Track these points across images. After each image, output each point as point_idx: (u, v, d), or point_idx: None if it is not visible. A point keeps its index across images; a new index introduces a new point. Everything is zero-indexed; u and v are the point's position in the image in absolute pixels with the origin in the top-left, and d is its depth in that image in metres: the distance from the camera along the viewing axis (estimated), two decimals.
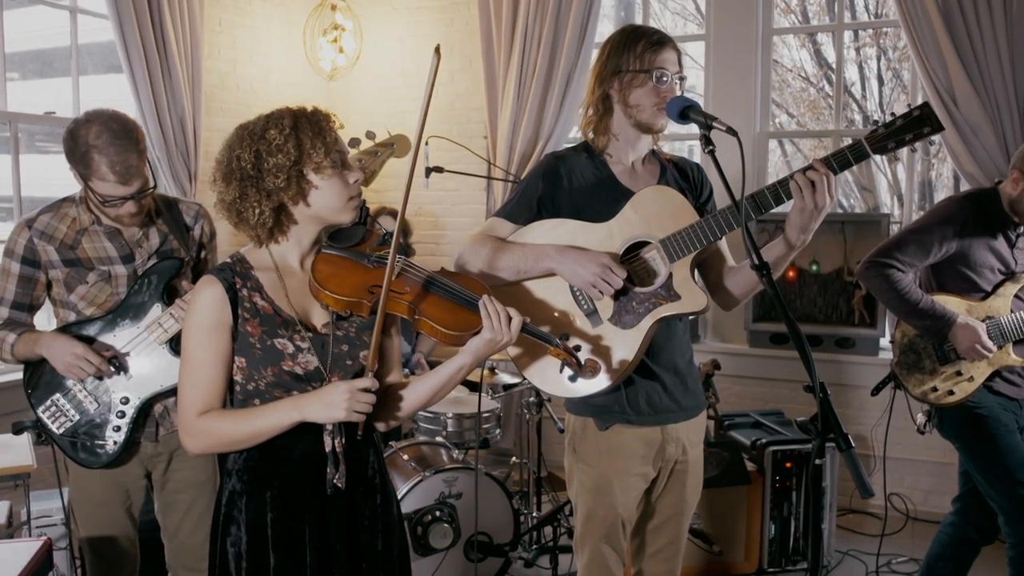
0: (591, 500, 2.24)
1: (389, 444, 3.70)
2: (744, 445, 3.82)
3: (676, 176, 2.27)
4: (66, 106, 4.50)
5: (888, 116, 2.01)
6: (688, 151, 6.76)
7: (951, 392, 2.88)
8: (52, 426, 2.39)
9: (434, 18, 5.52)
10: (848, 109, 8.12)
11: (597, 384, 2.08)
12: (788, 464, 3.71)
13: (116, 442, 2.38)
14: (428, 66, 1.68)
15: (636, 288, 2.12)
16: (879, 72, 8.44)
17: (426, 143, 2.73)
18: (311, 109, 1.76)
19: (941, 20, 4.01)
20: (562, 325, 2.16)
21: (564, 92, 4.89)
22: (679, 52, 2.19)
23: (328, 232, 1.85)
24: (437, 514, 3.31)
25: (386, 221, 4.43)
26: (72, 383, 2.38)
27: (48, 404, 2.39)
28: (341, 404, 1.66)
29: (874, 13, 7.82)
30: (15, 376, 3.97)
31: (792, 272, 4.58)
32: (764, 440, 3.75)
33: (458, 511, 3.36)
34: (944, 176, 7.75)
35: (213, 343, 1.72)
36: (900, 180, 7.92)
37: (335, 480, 1.75)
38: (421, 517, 3.29)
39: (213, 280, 1.74)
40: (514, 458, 4.30)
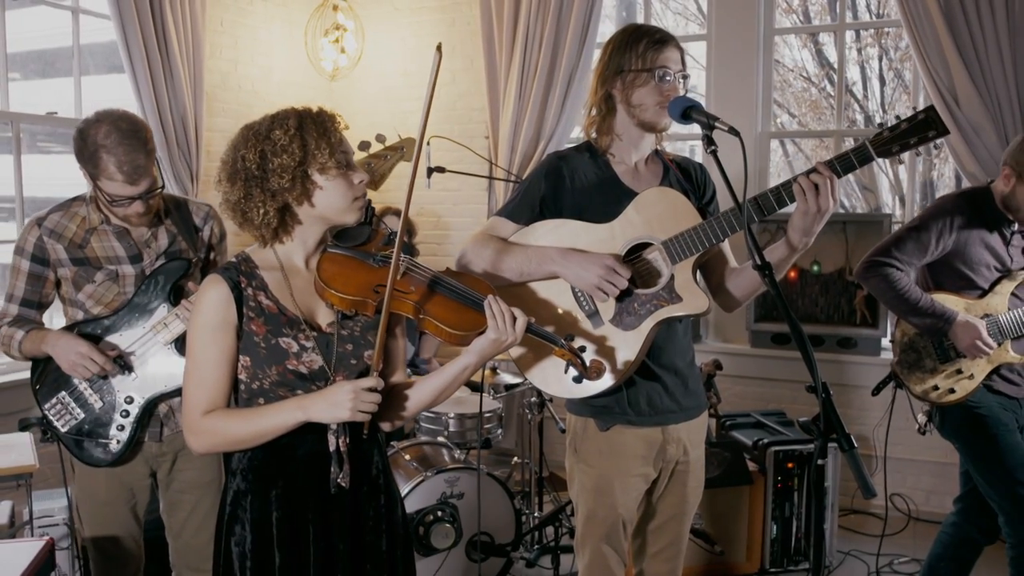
0: (592, 500, 2.24)
1: (391, 444, 3.70)
2: (746, 445, 3.82)
3: (679, 177, 2.27)
4: (68, 106, 4.50)
5: (892, 118, 2.00)
6: (689, 151, 6.75)
7: (952, 390, 2.88)
8: (57, 423, 2.40)
9: (435, 18, 5.52)
10: (849, 109, 8.11)
11: (598, 385, 2.07)
12: (790, 464, 3.72)
13: (119, 441, 2.39)
14: (430, 66, 1.68)
15: (638, 290, 2.12)
16: (881, 72, 8.44)
17: (427, 143, 2.73)
18: (316, 110, 1.76)
19: (943, 20, 4.01)
20: (563, 326, 2.15)
21: (566, 92, 4.89)
22: (682, 50, 2.18)
23: (334, 232, 1.85)
24: (439, 514, 3.31)
25: (391, 221, 4.44)
26: (78, 381, 2.39)
27: (54, 402, 2.40)
28: (345, 404, 1.66)
29: (876, 13, 7.82)
30: (19, 375, 3.98)
31: (793, 272, 4.58)
32: (766, 440, 3.75)
33: (460, 511, 3.36)
34: (946, 176, 7.74)
35: (218, 342, 1.72)
36: (902, 180, 7.91)
37: (339, 480, 1.75)
38: (423, 517, 3.29)
39: (218, 279, 1.74)
40: (516, 458, 4.30)
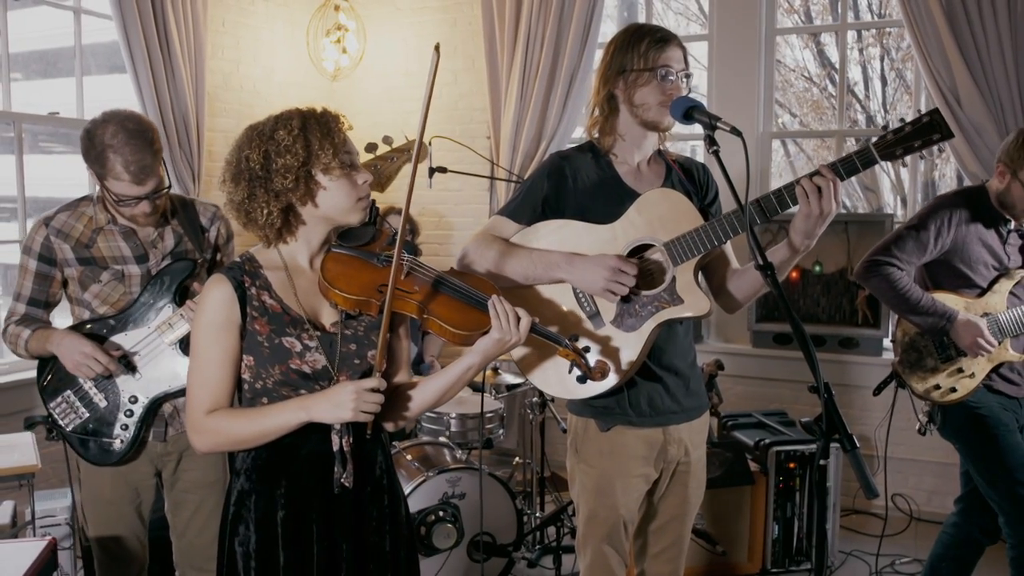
0: (593, 501, 2.24)
1: (392, 444, 3.70)
2: (747, 445, 3.81)
3: (682, 177, 2.26)
4: (70, 106, 4.50)
5: (893, 118, 2.00)
6: (691, 151, 6.75)
7: (953, 389, 2.88)
8: (62, 422, 2.41)
9: (437, 18, 5.52)
10: (851, 109, 8.11)
11: (600, 386, 2.07)
12: (791, 464, 3.72)
13: (123, 441, 2.40)
14: (430, 67, 1.67)
15: (639, 291, 2.12)
16: (882, 72, 8.43)
17: (429, 143, 2.73)
18: (320, 110, 1.76)
19: (945, 20, 4.01)
20: (564, 326, 2.15)
21: (567, 92, 4.89)
22: (684, 49, 2.17)
23: (338, 232, 1.85)
24: (441, 514, 3.31)
25: (395, 220, 4.44)
26: (83, 380, 2.40)
27: (59, 400, 2.41)
28: (348, 404, 1.66)
29: (877, 13, 7.81)
30: (22, 375, 4.00)
31: (795, 272, 4.57)
32: (767, 440, 3.75)
33: (461, 511, 3.36)
34: (948, 176, 7.73)
35: (222, 341, 1.73)
36: (904, 180, 7.91)
37: (343, 479, 1.75)
38: (425, 517, 3.29)
39: (222, 279, 1.75)
40: (517, 458, 4.30)
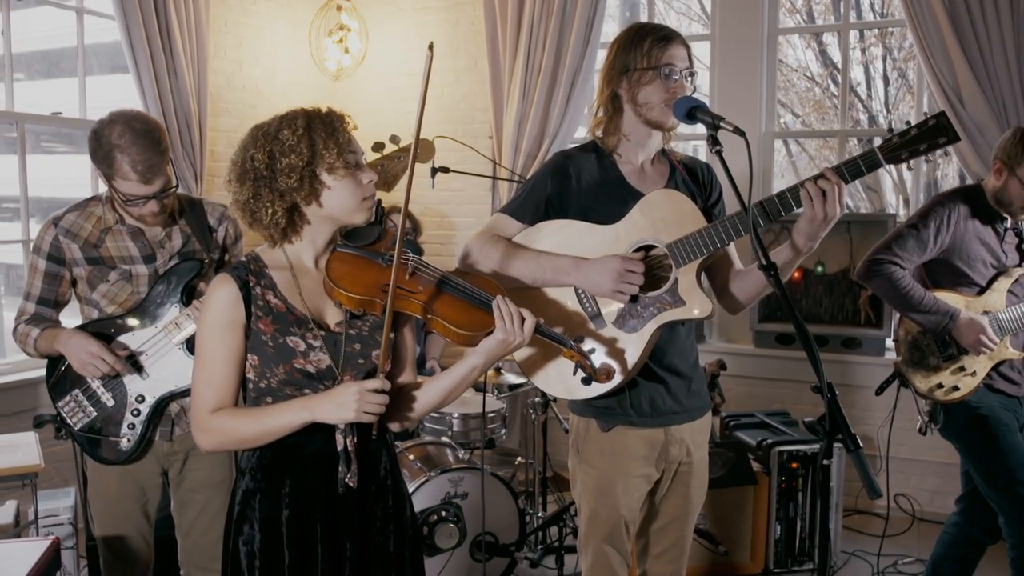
0: (594, 501, 2.24)
1: (395, 444, 3.70)
2: (750, 445, 3.81)
3: (685, 178, 2.26)
4: (72, 107, 4.50)
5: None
6: (693, 151, 6.76)
7: (956, 387, 2.88)
8: (70, 421, 2.43)
9: (439, 18, 5.52)
10: (853, 109, 8.10)
11: (601, 387, 2.07)
12: (794, 464, 3.71)
13: (130, 440, 2.41)
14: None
15: (641, 292, 2.11)
16: (884, 72, 8.42)
17: (432, 140, 2.72)
18: (325, 110, 1.76)
19: (947, 19, 4.01)
20: (565, 327, 2.15)
21: (569, 92, 4.87)
22: (688, 47, 2.16)
23: (343, 231, 1.85)
24: (443, 514, 3.31)
25: (397, 219, 4.43)
26: (92, 380, 2.41)
27: (68, 399, 2.43)
28: (351, 405, 1.66)
29: (880, 13, 7.81)
30: (26, 374, 4.02)
31: (797, 273, 4.57)
32: (770, 440, 3.74)
33: (464, 511, 3.36)
34: (950, 176, 7.73)
35: (227, 340, 1.73)
36: (906, 180, 7.90)
37: (347, 479, 1.75)
38: (427, 517, 3.29)
39: (227, 278, 1.75)
40: (519, 458, 4.30)
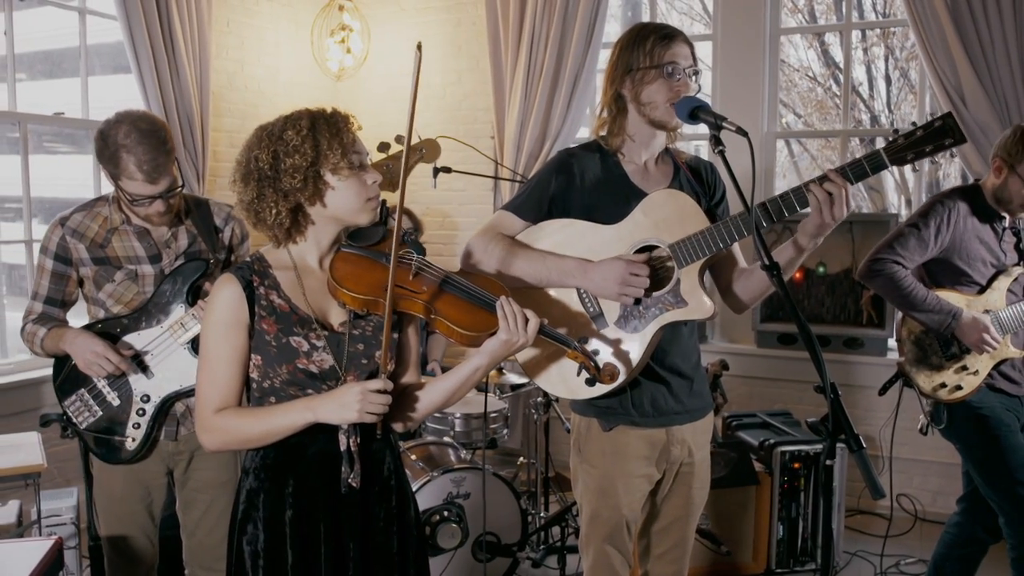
0: (595, 501, 2.23)
1: (399, 444, 3.70)
2: (752, 445, 3.81)
3: (689, 177, 2.25)
4: (75, 107, 4.51)
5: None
6: (695, 151, 6.76)
7: (959, 387, 2.88)
8: (76, 420, 2.44)
9: (441, 18, 5.52)
10: (855, 109, 8.09)
11: (603, 387, 2.06)
12: (796, 465, 3.71)
13: (135, 439, 2.42)
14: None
15: (644, 294, 2.11)
16: (887, 72, 8.42)
17: (434, 139, 2.72)
18: (330, 111, 1.77)
19: (950, 19, 4.01)
20: (567, 326, 2.14)
21: (571, 92, 4.87)
22: (691, 45, 2.15)
23: (348, 232, 1.85)
24: (445, 514, 3.31)
25: (401, 219, 4.42)
26: (98, 379, 2.42)
27: (74, 398, 2.44)
28: (353, 405, 1.67)
29: (882, 13, 7.81)
30: (30, 374, 4.03)
31: (799, 273, 4.57)
32: (772, 440, 3.74)
33: (466, 511, 3.36)
34: (952, 176, 7.72)
35: (231, 340, 1.73)
36: (908, 180, 7.89)
37: (350, 479, 1.75)
38: (429, 517, 3.29)
39: (231, 278, 1.76)
40: (521, 458, 4.30)
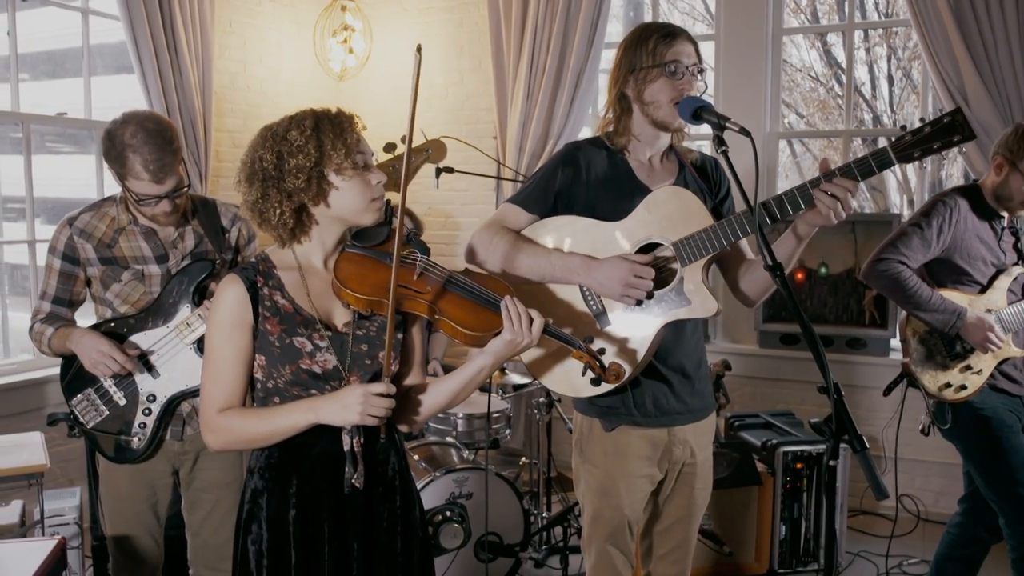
0: (597, 501, 2.23)
1: (404, 445, 3.70)
2: (754, 446, 3.81)
3: (694, 175, 2.25)
4: (77, 107, 4.51)
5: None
6: (697, 150, 6.76)
7: (964, 387, 2.88)
8: (83, 419, 2.44)
9: (443, 18, 5.51)
10: (858, 109, 8.09)
11: (608, 385, 2.06)
12: (799, 465, 3.71)
13: (141, 439, 2.43)
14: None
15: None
16: (889, 72, 8.41)
17: (436, 139, 2.73)
18: (335, 111, 1.77)
19: (952, 19, 4.00)
20: (569, 324, 2.14)
21: (574, 92, 4.87)
22: (695, 44, 2.14)
23: (352, 232, 1.85)
24: (447, 514, 3.31)
25: (405, 220, 4.42)
26: (104, 379, 2.42)
27: (80, 398, 2.45)
28: (355, 408, 1.67)
29: (884, 13, 7.80)
30: (33, 374, 4.03)
31: (801, 274, 4.57)
32: (775, 441, 3.74)
33: (468, 511, 3.36)
34: (954, 176, 7.71)
35: (235, 340, 1.74)
36: (910, 180, 7.89)
37: (353, 480, 1.75)
38: (432, 517, 3.29)
39: (235, 279, 1.76)
40: (524, 458, 4.30)
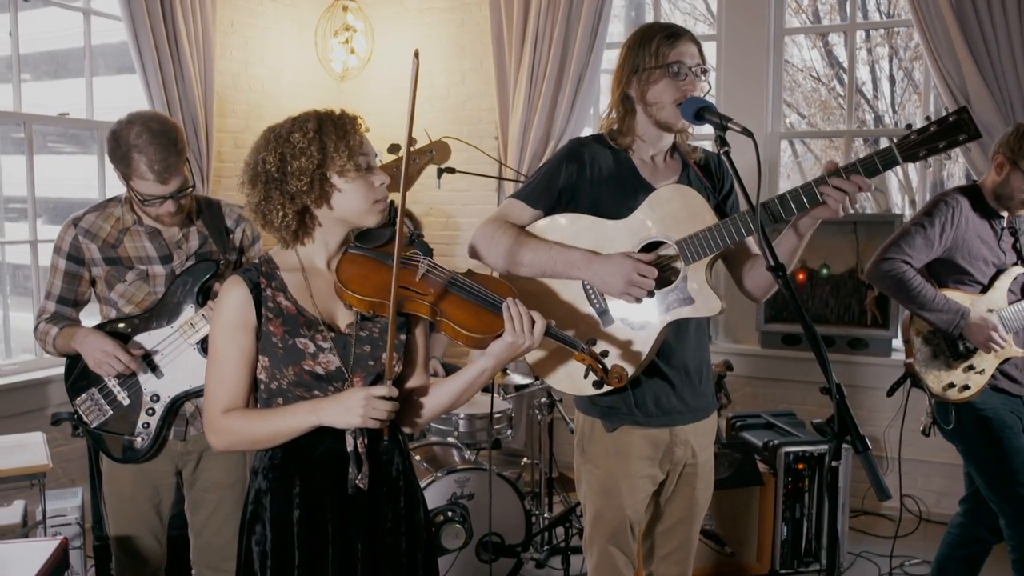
0: (599, 501, 2.23)
1: (408, 445, 3.70)
2: (756, 446, 3.80)
3: (698, 173, 2.25)
4: (79, 107, 4.52)
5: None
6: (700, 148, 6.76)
7: (967, 387, 2.88)
8: (87, 419, 2.45)
9: (445, 19, 5.52)
10: (859, 109, 8.08)
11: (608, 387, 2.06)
12: (800, 465, 3.70)
13: (144, 439, 2.43)
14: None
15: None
16: (891, 72, 8.41)
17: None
18: (338, 112, 1.77)
19: (954, 19, 4.00)
20: (572, 322, 2.14)
21: (575, 92, 4.87)
22: (698, 44, 2.13)
23: (356, 233, 1.85)
24: (449, 514, 3.31)
25: (408, 222, 4.43)
26: (108, 378, 2.43)
27: (84, 398, 2.45)
28: (357, 410, 1.67)
29: (886, 13, 7.79)
30: (35, 374, 4.04)
31: (802, 274, 4.57)
32: (776, 441, 3.74)
33: (470, 511, 3.37)
34: (956, 177, 7.70)
35: (238, 341, 1.74)
36: (912, 180, 7.88)
37: (357, 481, 1.75)
38: (433, 517, 3.29)
39: (238, 280, 1.76)
40: (526, 459, 4.30)
